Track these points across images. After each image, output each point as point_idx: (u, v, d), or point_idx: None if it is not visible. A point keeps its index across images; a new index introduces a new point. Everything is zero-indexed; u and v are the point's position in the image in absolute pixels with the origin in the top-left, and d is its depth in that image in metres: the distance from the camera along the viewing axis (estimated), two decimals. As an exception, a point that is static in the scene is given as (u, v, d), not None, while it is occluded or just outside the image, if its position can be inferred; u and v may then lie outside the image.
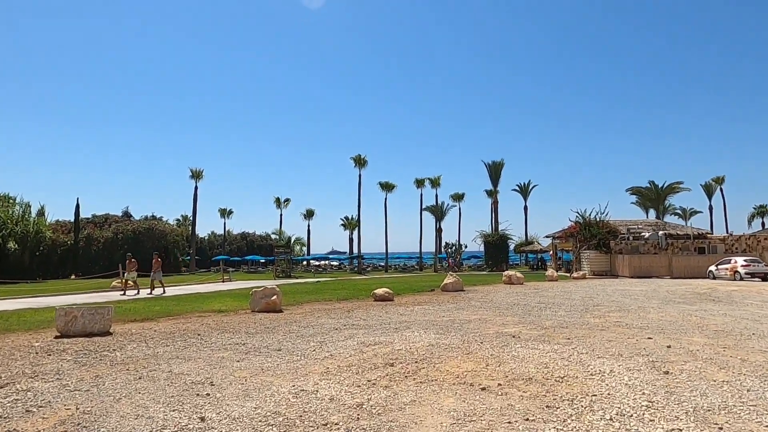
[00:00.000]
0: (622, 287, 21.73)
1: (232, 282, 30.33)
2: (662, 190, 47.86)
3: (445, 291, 19.63)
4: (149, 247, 43.88)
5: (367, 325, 9.99)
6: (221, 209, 66.88)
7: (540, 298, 16.47)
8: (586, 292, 18.70)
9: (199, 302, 15.79)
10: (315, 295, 18.02)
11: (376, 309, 13.24)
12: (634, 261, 32.23)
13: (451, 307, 13.62)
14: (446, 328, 9.54)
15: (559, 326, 9.73)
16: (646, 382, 5.28)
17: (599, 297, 16.67)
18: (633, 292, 18.73)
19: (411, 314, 11.94)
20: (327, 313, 12.29)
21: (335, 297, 16.93)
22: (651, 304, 14.28)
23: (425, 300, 15.90)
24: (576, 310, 12.72)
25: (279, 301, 13.17)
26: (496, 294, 18.18)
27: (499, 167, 49.92)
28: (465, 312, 12.33)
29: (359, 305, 14.33)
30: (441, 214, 60.27)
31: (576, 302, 14.86)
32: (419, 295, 17.99)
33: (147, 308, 13.77)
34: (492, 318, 11.07)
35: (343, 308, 13.49)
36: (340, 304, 14.67)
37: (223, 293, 19.86)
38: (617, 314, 11.74)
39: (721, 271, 28.26)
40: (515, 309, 12.95)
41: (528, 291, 19.71)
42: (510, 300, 15.66)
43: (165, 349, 7.46)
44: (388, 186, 52.00)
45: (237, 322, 10.73)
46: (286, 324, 10.30)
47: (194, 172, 48.24)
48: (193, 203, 48.36)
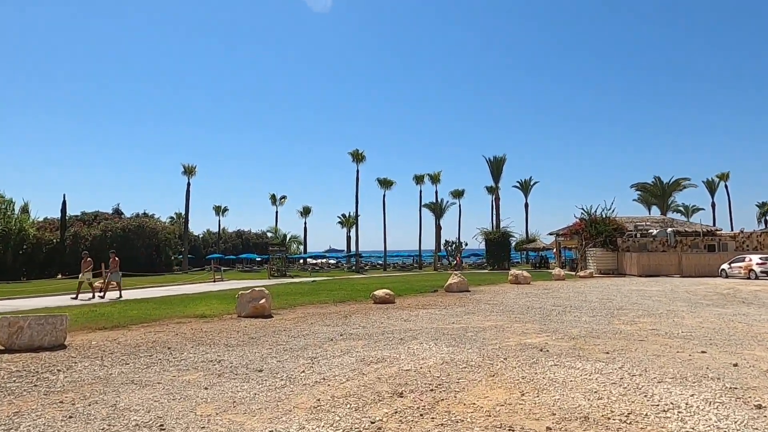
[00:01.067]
0: (636, 287, 20.47)
1: (224, 282, 28.96)
2: (668, 186, 46.66)
3: (450, 292, 18.32)
4: (139, 245, 42.49)
5: (367, 335, 8.66)
6: (216, 206, 65.45)
7: (554, 299, 15.18)
8: (601, 293, 17.42)
9: (183, 305, 14.44)
10: (310, 296, 16.69)
11: (376, 313, 11.92)
12: (643, 259, 30.99)
13: (459, 311, 12.30)
14: (459, 338, 8.21)
15: (589, 335, 8.43)
16: (740, 423, 3.97)
17: (617, 298, 15.40)
18: (650, 293, 17.47)
19: (416, 320, 10.62)
20: (321, 319, 10.96)
21: (331, 299, 15.61)
22: (678, 306, 13.00)
23: (429, 302, 14.58)
24: (599, 314, 11.42)
25: (268, 305, 11.83)
26: (505, 295, 16.88)
27: (501, 163, 48.64)
28: (476, 317, 11.01)
29: (357, 309, 13.00)
30: (441, 212, 58.98)
31: (595, 305, 13.57)
32: (422, 297, 16.68)
33: (122, 313, 12.42)
34: (509, 325, 9.76)
35: (339, 312, 12.16)
36: (336, 308, 13.35)
37: (211, 295, 18.50)
38: (648, 320, 10.44)
39: (734, 269, 27.05)
40: (531, 313, 11.64)
41: (538, 291, 18.42)
42: (522, 302, 14.36)
43: (122, 370, 6.11)
44: (386, 182, 50.63)
45: (218, 330, 9.38)
46: (274, 333, 8.96)
47: (187, 168, 46.75)
48: (185, 200, 46.95)
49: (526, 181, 64.39)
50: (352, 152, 46.44)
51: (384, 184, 50.82)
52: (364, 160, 46.77)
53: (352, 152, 46.51)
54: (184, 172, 46.88)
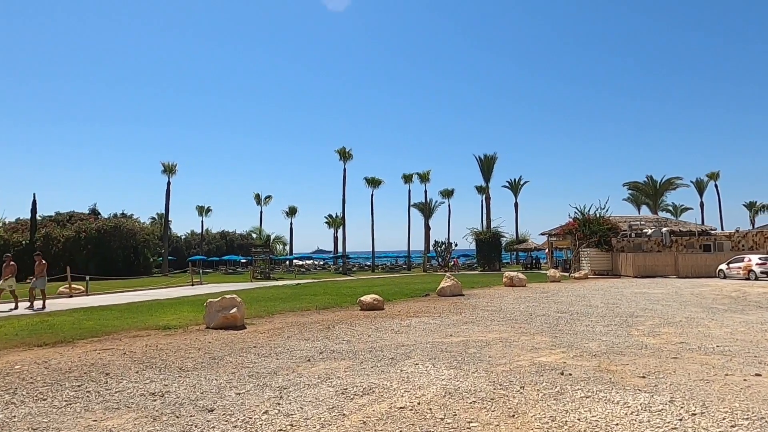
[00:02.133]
0: (637, 290, 19.43)
1: (203, 285, 27.37)
2: (660, 185, 46.07)
3: (443, 296, 17.07)
4: (116, 247, 40.60)
5: (351, 353, 7.33)
6: (199, 207, 63.43)
7: (556, 305, 13.99)
8: (604, 297, 16.30)
9: (149, 314, 12.98)
10: (291, 302, 15.31)
11: (363, 323, 10.60)
12: (638, 259, 30.12)
13: (456, 319, 11.03)
14: (461, 356, 6.93)
15: (611, 351, 7.21)
16: None
17: (624, 303, 14.27)
18: (655, 296, 16.40)
19: (409, 332, 9.32)
20: (300, 331, 9.60)
21: (314, 305, 14.25)
22: (694, 313, 11.89)
23: (422, 308, 13.30)
24: (612, 323, 10.24)
25: (240, 315, 10.44)
26: (503, 300, 15.67)
27: (492, 162, 47.61)
28: (476, 328, 9.75)
29: (342, 317, 11.67)
30: (430, 211, 57.83)
31: (602, 311, 12.41)
32: (413, 302, 15.40)
33: (75, 324, 10.93)
34: (515, 337, 8.50)
35: (322, 322, 10.81)
36: (319, 316, 12.00)
37: (184, 300, 17.00)
38: (670, 330, 9.27)
39: (733, 270, 26.27)
40: (537, 322, 10.42)
41: (536, 295, 17.25)
42: (523, 308, 13.15)
43: (31, 410, 4.71)
44: (374, 181, 49.28)
45: (177, 347, 7.98)
46: (242, 350, 7.59)
47: (166, 167, 44.86)
48: (165, 199, 45.06)
49: (515, 181, 63.55)
50: (339, 150, 44.97)
51: (372, 183, 49.49)
52: (352, 159, 45.45)
53: (339, 150, 45.03)
54: (164, 170, 45.03)
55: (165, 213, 45.55)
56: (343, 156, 44.65)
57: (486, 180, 48.06)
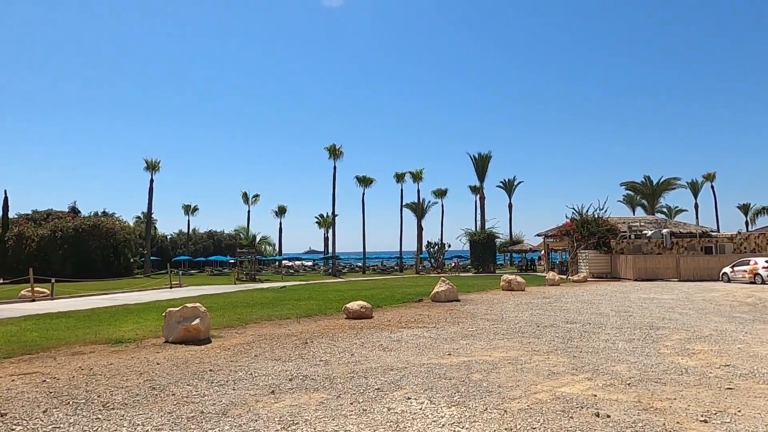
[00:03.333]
0: (644, 294, 18.21)
1: (182, 288, 25.81)
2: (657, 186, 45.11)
3: (437, 301, 15.72)
4: (95, 246, 38.81)
5: (328, 380, 5.93)
6: (185, 206, 61.46)
7: (562, 313, 12.69)
8: (612, 303, 15.03)
9: (107, 323, 11.52)
10: (270, 309, 13.88)
11: (347, 336, 9.20)
12: (639, 262, 28.98)
13: (454, 331, 9.66)
14: (464, 387, 5.56)
15: (648, 379, 5.87)
16: None
17: (636, 311, 13.00)
18: (666, 302, 15.17)
19: (399, 349, 7.93)
20: (272, 347, 8.18)
21: (295, 312, 12.84)
22: (718, 323, 10.63)
23: (414, 317, 11.92)
24: (633, 336, 8.93)
25: (204, 327, 9.00)
26: (503, 306, 14.34)
27: (486, 161, 46.34)
28: (478, 343, 8.39)
29: (325, 328, 10.26)
30: (422, 212, 56.45)
31: (615, 320, 11.11)
32: (405, 308, 14.03)
33: (14, 337, 9.48)
34: (526, 357, 7.15)
35: (300, 335, 9.39)
36: (298, 326, 10.58)
37: (154, 306, 15.49)
38: (704, 347, 7.97)
39: (737, 273, 25.20)
40: (547, 336, 9.08)
41: (538, 301, 15.95)
42: (527, 317, 11.82)
43: None
44: (365, 180, 47.81)
45: (115, 370, 6.53)
46: (194, 377, 6.16)
47: (149, 163, 43.05)
48: (148, 197, 43.31)
49: (509, 181, 62.31)
50: (329, 147, 43.39)
51: (363, 182, 48.03)
52: (342, 157, 43.90)
53: (328, 147, 43.44)
54: (147, 167, 43.23)
55: (148, 211, 43.78)
56: (333, 154, 43.15)
57: (480, 179, 46.81)
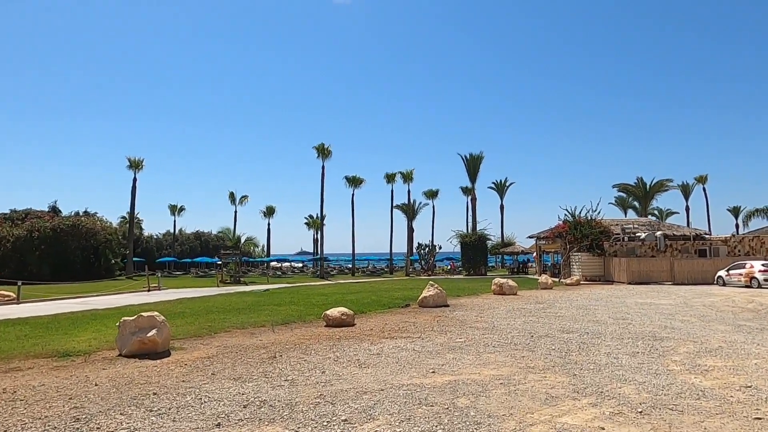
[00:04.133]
0: (640, 299, 17.51)
1: (160, 291, 24.74)
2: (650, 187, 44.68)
3: (425, 307, 14.88)
4: (74, 247, 37.53)
5: (288, 407, 5.05)
6: (171, 206, 60.15)
7: (557, 320, 11.89)
8: (609, 309, 14.29)
9: (64, 331, 10.56)
10: (246, 315, 12.96)
11: (321, 348, 8.32)
12: (633, 265, 28.37)
13: (440, 342, 8.81)
14: (447, 416, 4.70)
15: (661, 405, 5.06)
16: None
17: (635, 318, 12.24)
18: (665, 308, 14.46)
19: (378, 365, 7.07)
20: (235, 362, 7.28)
21: (272, 319, 11.93)
22: (725, 333, 9.88)
23: (399, 325, 11.06)
24: (636, 349, 8.13)
25: (162, 339, 8.06)
26: (494, 312, 13.53)
27: (478, 161, 45.65)
28: (466, 357, 7.54)
29: (299, 339, 9.37)
30: (413, 213, 55.68)
31: (614, 329, 10.33)
32: (391, 314, 13.17)
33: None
34: (520, 376, 6.31)
35: (269, 347, 8.49)
36: (271, 336, 9.68)
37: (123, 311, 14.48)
38: (716, 362, 7.19)
39: (733, 276, 24.66)
40: (541, 347, 8.26)
41: (531, 306, 15.17)
42: (519, 324, 11.01)
43: None
44: (355, 180, 46.89)
45: (43, 393, 5.60)
46: (132, 402, 5.24)
47: (132, 162, 41.77)
48: (131, 196, 42.03)
49: (501, 182, 61.76)
50: (317, 147, 42.35)
51: (353, 183, 47.11)
52: (330, 156, 42.91)
53: (317, 147, 42.42)
54: (130, 166, 41.97)
55: (131, 211, 42.51)
56: (321, 153, 42.15)
57: (472, 180, 46.12)
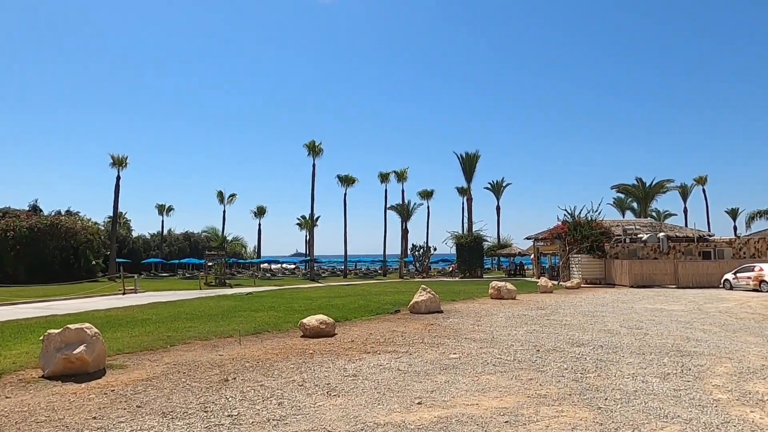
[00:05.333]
0: (649, 304, 16.25)
1: (137, 294, 23.25)
2: (650, 188, 43.60)
3: (416, 313, 13.55)
4: (52, 247, 35.95)
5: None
6: (159, 205, 58.50)
7: (564, 329, 10.57)
8: (618, 316, 12.99)
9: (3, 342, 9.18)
10: (216, 322, 11.58)
11: (285, 370, 6.94)
12: (635, 267, 27.16)
13: (430, 360, 7.45)
14: (436, 480, 3.35)
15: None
16: None
17: (650, 327, 10.93)
18: (678, 315, 13.19)
19: (351, 392, 5.70)
20: (173, 389, 5.90)
21: (244, 328, 10.55)
22: (759, 345, 8.59)
23: (385, 334, 9.70)
24: (665, 368, 6.81)
25: (93, 356, 6.66)
26: (493, 320, 12.19)
27: (474, 160, 44.39)
28: (461, 380, 6.19)
29: (266, 353, 7.99)
30: (407, 214, 54.36)
31: (630, 340, 9.02)
32: (378, 322, 11.82)
33: None
34: (529, 409, 4.96)
35: (226, 365, 7.11)
36: (235, 350, 8.30)
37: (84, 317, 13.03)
38: (757, 385, 5.87)
39: (741, 280, 23.51)
40: (550, 365, 6.91)
41: (532, 312, 13.86)
42: (521, 335, 9.68)
43: None
44: (347, 179, 45.48)
45: None
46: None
47: (116, 159, 40.19)
48: (114, 195, 40.41)
49: (497, 183, 60.73)
50: (308, 144, 40.91)
51: (345, 182, 45.70)
52: (322, 154, 41.48)
53: (307, 144, 40.98)
54: (113, 163, 40.41)
55: (114, 210, 40.89)
56: (312, 150, 40.73)
57: (468, 180, 44.87)
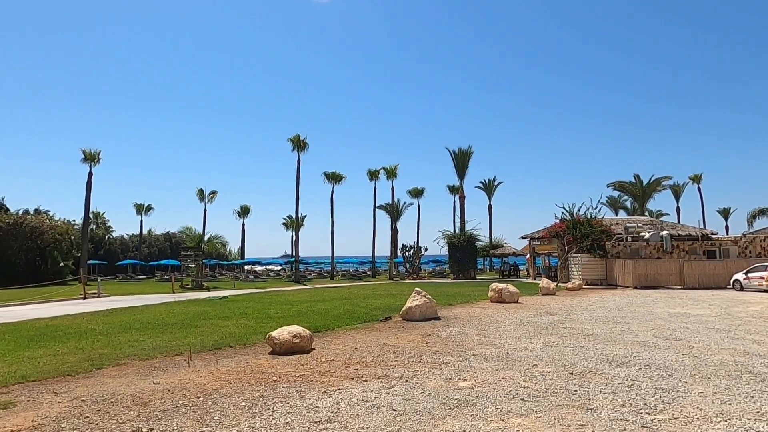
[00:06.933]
0: (668, 308, 14.57)
1: (101, 298, 21.05)
2: (648, 185, 42.33)
3: (410, 320, 11.68)
4: (15, 248, 33.44)
5: None
6: (137, 204, 55.97)
7: (588, 341, 8.75)
8: (642, 323, 11.23)
9: None
10: (170, 335, 9.60)
11: (233, 411, 5.01)
12: (639, 267, 25.60)
13: (433, 390, 5.56)
14: None
15: None
16: None
17: (689, 337, 9.17)
18: (710, 321, 11.48)
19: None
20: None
21: (200, 342, 8.59)
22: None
23: (373, 351, 7.80)
24: (750, 398, 5.01)
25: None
26: (500, 328, 10.35)
27: (467, 156, 42.70)
28: (484, 427, 4.30)
29: (214, 380, 6.04)
30: (397, 213, 52.47)
31: (677, 357, 7.23)
32: (365, 332, 9.91)
33: None
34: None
35: (152, 403, 5.16)
36: (177, 376, 6.34)
37: (19, 328, 11.01)
38: None
39: (753, 280, 22.07)
40: (596, 398, 5.06)
41: (543, 319, 12.05)
42: (540, 349, 7.84)
43: None
44: (335, 177, 43.46)
45: None
46: None
47: (87, 154, 37.75)
48: (86, 192, 37.97)
49: (489, 182, 59.11)
50: (293, 138, 38.84)
51: (332, 179, 43.67)
52: (307, 149, 39.34)
53: (292, 138, 38.93)
54: (85, 158, 37.96)
55: (85, 208, 38.41)
56: (296, 145, 38.67)
57: (460, 177, 43.17)
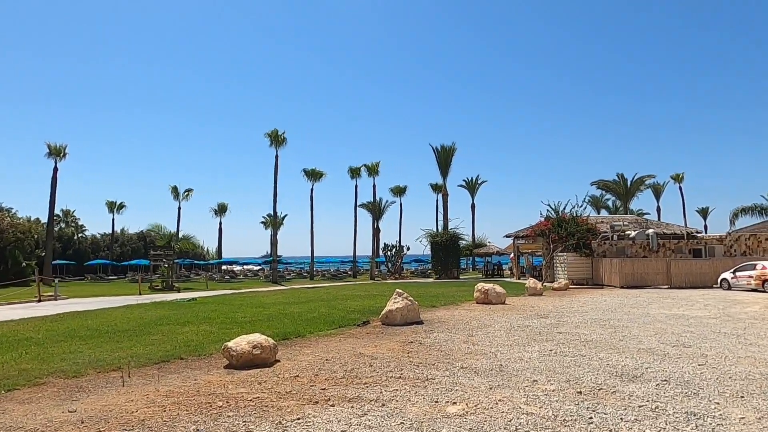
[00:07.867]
0: (665, 309, 13.81)
1: (58, 300, 19.48)
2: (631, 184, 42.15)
3: (390, 324, 10.61)
4: (-28, 247, 31.35)
5: None
6: (109, 202, 53.66)
7: (588, 349, 7.80)
8: (642, 326, 10.38)
9: None
10: (115, 344, 8.36)
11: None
12: (626, 266, 25.04)
13: (416, 418, 4.47)
14: None
15: None
16: None
17: (699, 342, 8.31)
18: (713, 324, 10.70)
19: None
20: None
21: (148, 353, 7.38)
22: None
23: (346, 363, 6.70)
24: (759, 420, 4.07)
25: None
26: (489, 334, 9.35)
27: (450, 153, 41.84)
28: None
29: (144, 408, 4.87)
30: (379, 212, 51.46)
31: (693, 368, 6.33)
32: (339, 338, 8.81)
33: None
34: None
35: None
36: (100, 402, 5.15)
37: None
38: None
39: (740, 279, 21.62)
40: (616, 424, 4.06)
41: (535, 323, 11.10)
42: (537, 359, 6.84)
43: None
44: (314, 174, 42.17)
45: None
46: None
47: (53, 149, 35.70)
48: (51, 188, 35.99)
49: (473, 180, 58.51)
50: (270, 133, 37.36)
51: (312, 176, 42.37)
52: (285, 144, 37.88)
53: (269, 133, 37.43)
54: (50, 153, 35.93)
55: (50, 205, 36.39)
56: (274, 140, 37.20)
57: (443, 175, 42.35)
